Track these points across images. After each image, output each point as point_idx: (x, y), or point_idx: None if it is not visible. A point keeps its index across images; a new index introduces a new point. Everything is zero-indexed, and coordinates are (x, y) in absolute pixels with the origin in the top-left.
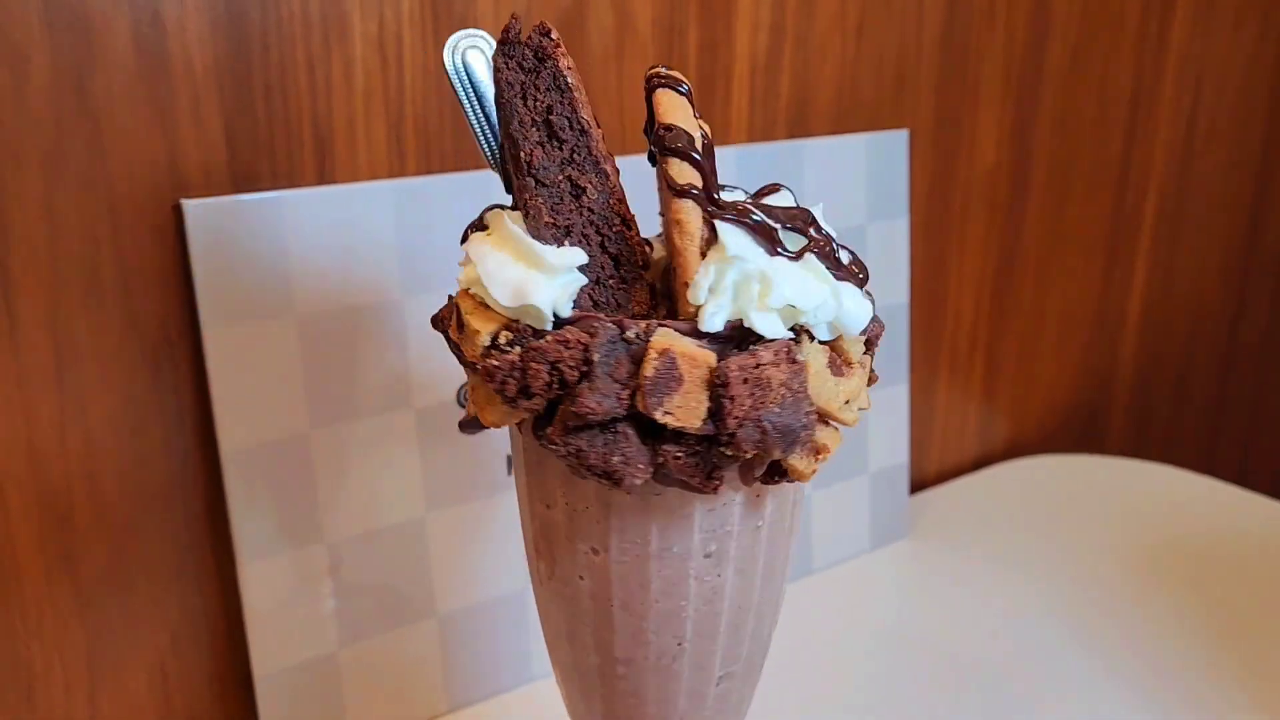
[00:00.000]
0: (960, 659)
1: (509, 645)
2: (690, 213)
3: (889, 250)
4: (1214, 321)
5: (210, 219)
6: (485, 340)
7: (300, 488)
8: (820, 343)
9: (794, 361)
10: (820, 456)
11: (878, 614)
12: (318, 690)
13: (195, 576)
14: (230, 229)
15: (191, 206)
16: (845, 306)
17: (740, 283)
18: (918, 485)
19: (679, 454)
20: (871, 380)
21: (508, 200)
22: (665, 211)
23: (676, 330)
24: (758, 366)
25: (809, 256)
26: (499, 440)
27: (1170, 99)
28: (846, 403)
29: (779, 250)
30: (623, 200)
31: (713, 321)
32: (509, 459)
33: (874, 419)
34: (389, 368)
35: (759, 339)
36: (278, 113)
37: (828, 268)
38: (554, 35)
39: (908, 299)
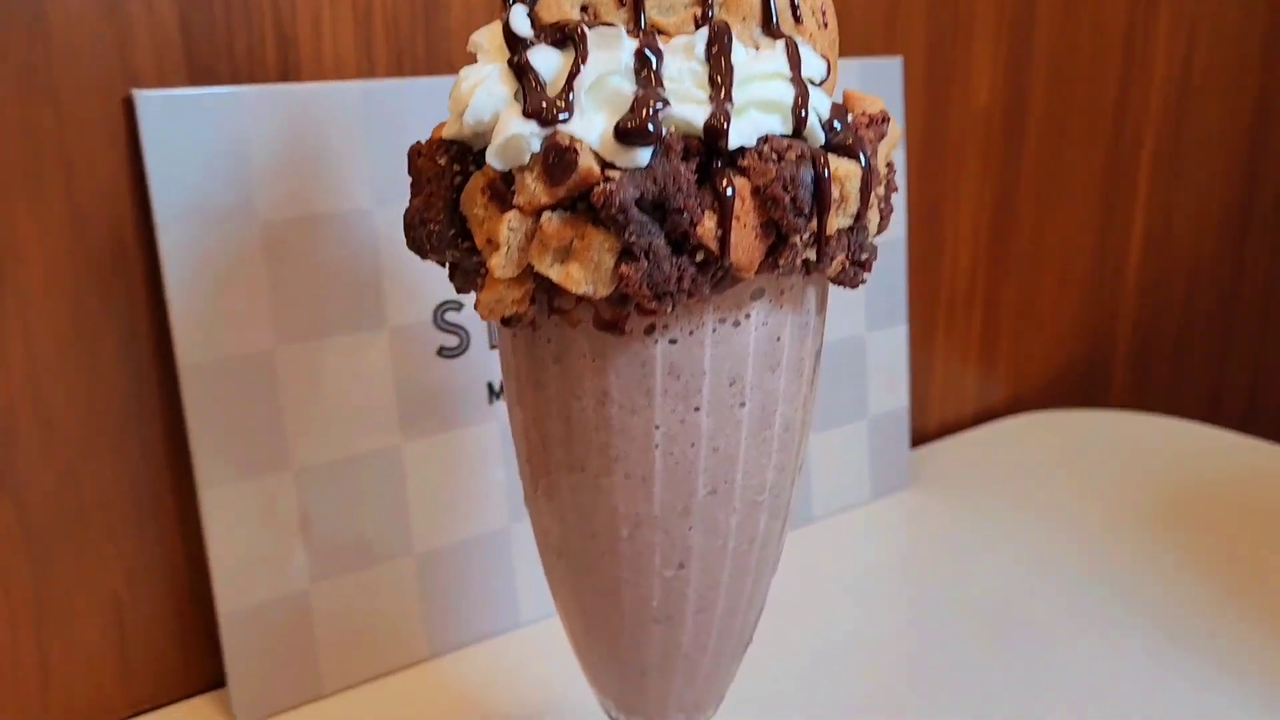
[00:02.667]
0: (965, 606)
1: (494, 588)
2: None
3: None
4: (1214, 270)
5: (165, 113)
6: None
7: (265, 409)
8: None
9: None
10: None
11: (880, 561)
12: (288, 631)
13: (153, 507)
14: (187, 124)
15: (144, 98)
16: (504, 127)
17: None
18: (918, 440)
19: None
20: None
21: None
22: None
23: None
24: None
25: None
26: (480, 367)
27: (1164, 43)
28: (489, 241)
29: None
30: None
31: None
32: (490, 386)
33: (872, 360)
34: (360, 282)
35: None
36: (236, 9)
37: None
38: None
39: (905, 235)
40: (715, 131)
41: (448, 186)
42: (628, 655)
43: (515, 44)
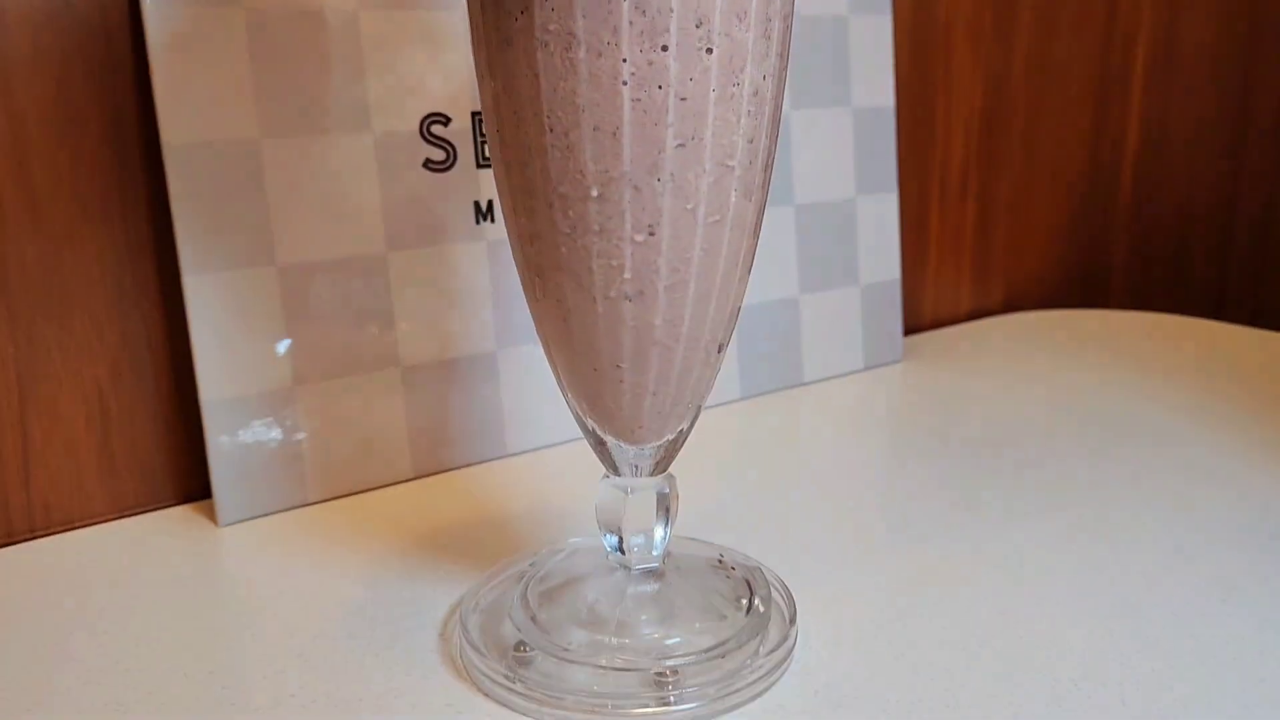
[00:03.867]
0: (957, 450)
1: (481, 413)
2: None
3: (873, 49)
4: (1213, 171)
5: None
6: None
7: (250, 200)
8: None
9: None
10: None
11: (874, 422)
12: (272, 430)
13: (137, 297)
14: None
15: None
16: None
17: None
18: (911, 333)
19: None
20: None
21: None
22: None
23: None
24: None
25: None
26: (467, 185)
27: None
28: None
29: None
30: None
31: None
32: (477, 205)
33: (863, 226)
34: (345, 84)
35: None
36: None
37: None
38: None
39: (893, 104)
40: None
41: None
42: (602, 345)
43: None
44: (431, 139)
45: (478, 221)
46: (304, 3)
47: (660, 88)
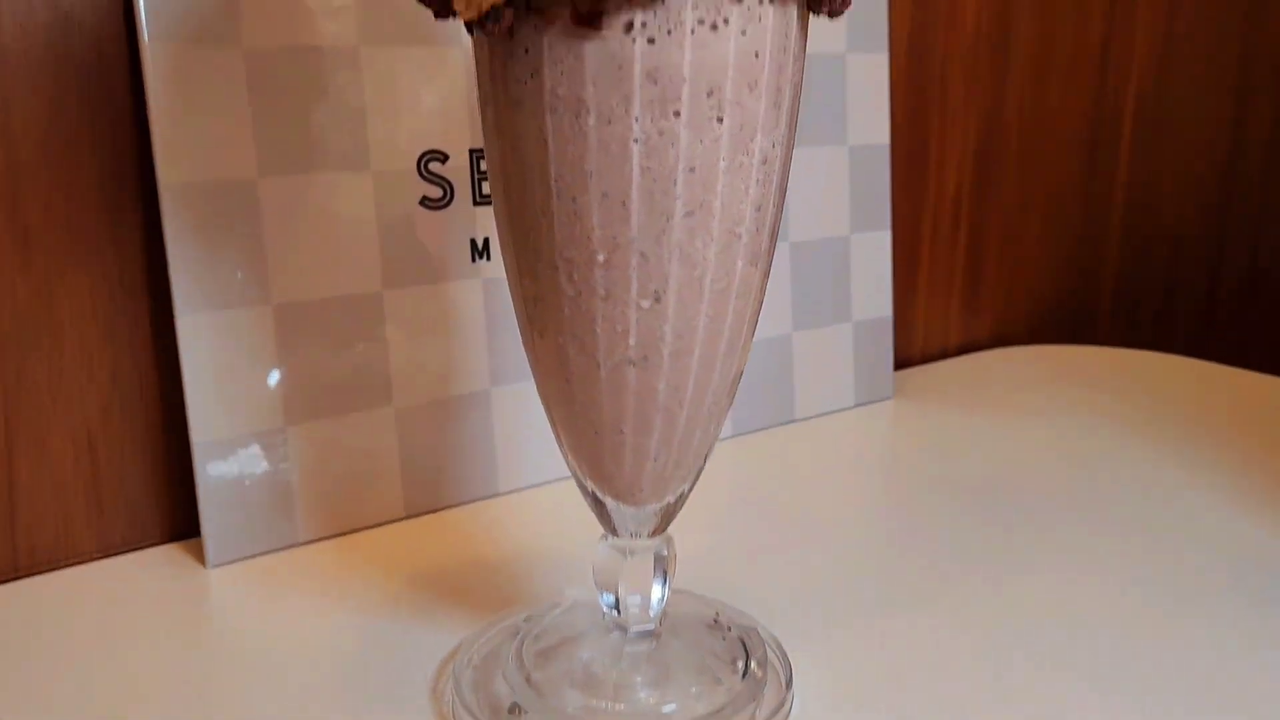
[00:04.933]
0: (949, 493)
1: (473, 452)
2: None
3: (870, 88)
4: (1201, 220)
5: None
6: None
7: (246, 239)
8: None
9: None
10: None
11: (867, 463)
12: (264, 470)
13: (129, 335)
14: None
15: None
16: None
17: None
18: (901, 366)
19: None
20: None
21: None
22: None
23: None
24: None
25: None
26: (463, 222)
27: None
28: None
29: None
30: None
31: None
32: (474, 243)
33: (856, 263)
34: (343, 120)
35: None
36: None
37: None
38: None
39: (889, 142)
40: None
41: None
42: (604, 408)
43: None
44: (429, 176)
45: (474, 259)
46: (304, 40)
47: (670, 156)
